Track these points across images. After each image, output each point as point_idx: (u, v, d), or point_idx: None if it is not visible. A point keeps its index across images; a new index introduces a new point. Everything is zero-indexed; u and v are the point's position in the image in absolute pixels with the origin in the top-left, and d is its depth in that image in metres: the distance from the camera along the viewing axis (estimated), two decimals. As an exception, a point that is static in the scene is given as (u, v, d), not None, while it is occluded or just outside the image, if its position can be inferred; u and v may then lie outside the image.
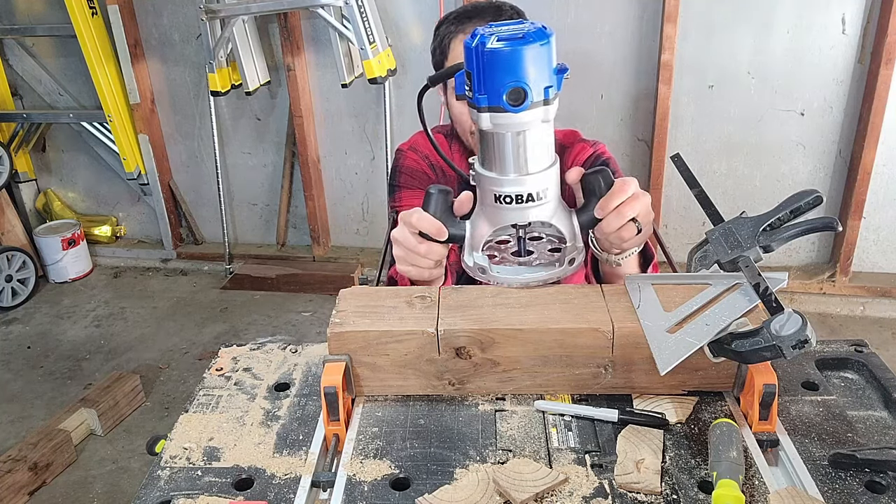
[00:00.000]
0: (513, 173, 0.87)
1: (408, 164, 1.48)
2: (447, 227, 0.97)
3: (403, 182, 1.49)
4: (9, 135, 3.94)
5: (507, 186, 0.88)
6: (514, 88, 0.79)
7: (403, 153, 1.51)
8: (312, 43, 3.47)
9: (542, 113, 0.83)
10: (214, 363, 1.16)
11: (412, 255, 1.03)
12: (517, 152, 0.86)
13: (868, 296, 3.27)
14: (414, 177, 1.48)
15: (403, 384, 1.01)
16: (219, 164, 3.77)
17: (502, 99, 0.80)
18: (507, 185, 0.88)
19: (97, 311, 3.66)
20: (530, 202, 0.89)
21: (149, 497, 0.87)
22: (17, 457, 2.36)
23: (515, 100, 0.80)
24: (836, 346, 1.13)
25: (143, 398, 2.84)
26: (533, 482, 0.83)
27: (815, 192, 0.95)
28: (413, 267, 1.05)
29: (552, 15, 3.13)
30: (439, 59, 1.34)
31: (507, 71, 0.79)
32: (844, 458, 0.86)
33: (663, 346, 0.89)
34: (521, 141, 0.85)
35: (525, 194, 0.88)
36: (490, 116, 0.83)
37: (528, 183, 0.87)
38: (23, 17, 3.79)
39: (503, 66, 0.79)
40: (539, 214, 0.91)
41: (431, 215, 0.98)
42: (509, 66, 0.79)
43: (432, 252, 1.01)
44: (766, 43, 3.00)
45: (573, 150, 1.45)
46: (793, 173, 3.22)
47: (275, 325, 3.44)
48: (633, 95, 3.22)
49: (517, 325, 0.96)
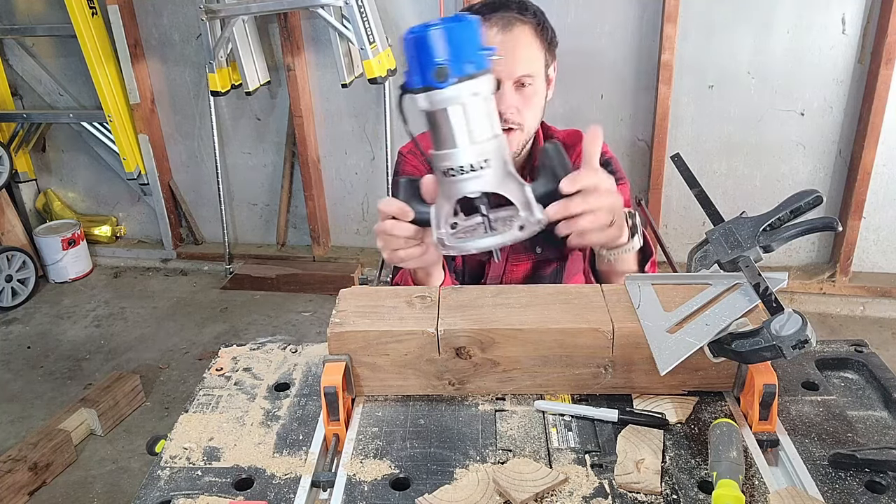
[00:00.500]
0: (452, 147, 0.93)
1: (408, 171, 1.49)
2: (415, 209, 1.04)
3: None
4: (9, 135, 3.94)
5: (448, 160, 0.94)
6: (438, 67, 0.88)
7: (404, 157, 1.50)
8: (312, 43, 3.47)
9: (468, 87, 0.90)
10: (214, 363, 1.16)
11: (385, 238, 1.08)
12: (453, 126, 0.92)
13: (868, 296, 3.27)
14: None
15: (403, 384, 1.01)
16: (219, 164, 3.77)
17: (430, 78, 0.89)
18: (448, 159, 0.94)
19: (97, 311, 3.66)
20: (472, 172, 0.94)
21: (149, 497, 0.87)
22: (17, 457, 2.36)
23: (441, 77, 0.88)
24: (836, 346, 1.13)
25: (143, 398, 2.84)
26: (533, 482, 0.83)
27: (815, 192, 0.95)
28: (390, 251, 1.09)
29: (552, 15, 3.10)
30: None
31: (429, 52, 0.88)
32: (844, 458, 0.86)
33: (663, 346, 0.89)
34: (455, 115, 0.92)
35: (466, 165, 0.93)
36: (425, 96, 0.91)
37: (466, 153, 0.93)
38: (23, 17, 3.79)
39: (426, 48, 0.88)
40: (482, 185, 0.95)
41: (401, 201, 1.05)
42: (431, 47, 0.88)
43: (396, 227, 1.05)
44: (766, 43, 3.00)
45: (575, 150, 1.45)
46: (793, 173, 3.22)
47: (275, 325, 3.44)
48: (633, 95, 3.22)
49: (517, 325, 0.96)
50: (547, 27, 1.32)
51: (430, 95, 0.90)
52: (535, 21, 1.30)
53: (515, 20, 1.27)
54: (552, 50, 1.35)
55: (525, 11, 1.29)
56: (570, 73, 3.19)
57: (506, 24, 1.27)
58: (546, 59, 1.33)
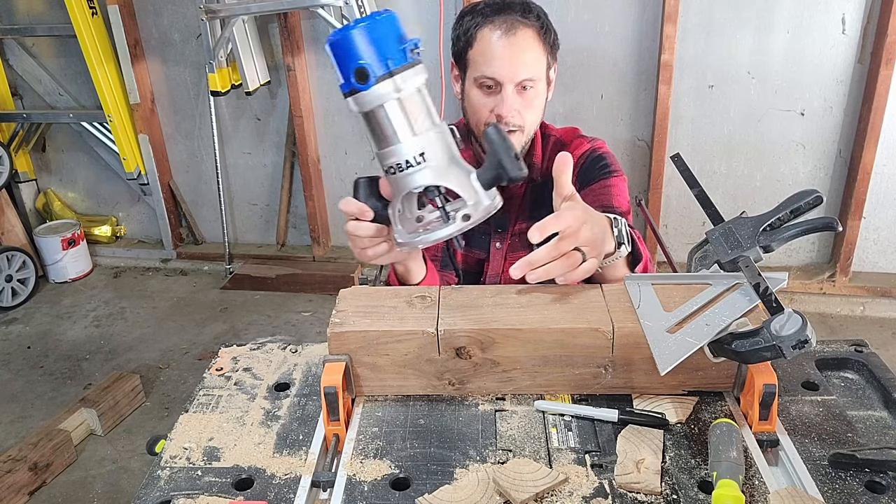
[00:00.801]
0: (388, 145, 0.93)
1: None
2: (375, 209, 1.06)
3: None
4: (9, 135, 3.94)
5: (388, 158, 0.94)
6: (357, 69, 0.88)
7: None
8: (312, 43, 3.47)
9: (392, 84, 0.90)
10: (214, 363, 1.16)
11: (351, 238, 1.10)
12: (383, 125, 0.92)
13: (868, 296, 3.27)
14: None
15: (403, 384, 1.01)
16: (219, 164, 3.77)
17: (353, 81, 0.89)
18: (388, 157, 0.94)
19: (97, 311, 3.66)
20: (410, 168, 0.93)
21: (149, 497, 0.87)
22: (17, 457, 2.36)
23: (361, 78, 0.88)
24: (836, 346, 1.13)
25: (143, 398, 2.84)
26: (533, 482, 0.83)
27: (815, 192, 0.95)
28: (358, 250, 1.11)
29: (552, 14, 3.11)
30: (463, 47, 1.34)
31: (347, 55, 0.88)
32: (844, 458, 0.86)
33: (663, 346, 0.89)
34: (385, 113, 0.92)
35: (402, 161, 0.93)
36: (352, 100, 0.91)
37: (402, 151, 0.93)
38: (23, 17, 3.79)
39: (343, 51, 0.88)
40: (423, 178, 0.94)
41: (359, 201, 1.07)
42: (348, 50, 0.88)
43: (359, 228, 1.07)
44: (766, 43, 3.00)
45: (571, 146, 1.45)
46: (793, 173, 3.22)
47: (275, 325, 3.44)
48: (633, 95, 3.22)
49: (517, 325, 0.96)
50: (550, 30, 1.32)
51: (356, 98, 0.90)
52: (539, 24, 1.30)
53: (519, 23, 1.27)
54: (554, 52, 1.35)
55: (528, 14, 1.29)
56: (570, 72, 3.20)
57: (509, 27, 1.27)
58: (548, 62, 1.33)
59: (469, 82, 1.34)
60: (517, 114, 1.29)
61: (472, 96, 1.34)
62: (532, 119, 1.33)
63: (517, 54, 1.27)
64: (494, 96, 1.30)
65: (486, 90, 1.31)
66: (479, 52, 1.30)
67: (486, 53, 1.29)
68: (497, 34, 1.27)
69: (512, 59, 1.27)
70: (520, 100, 1.29)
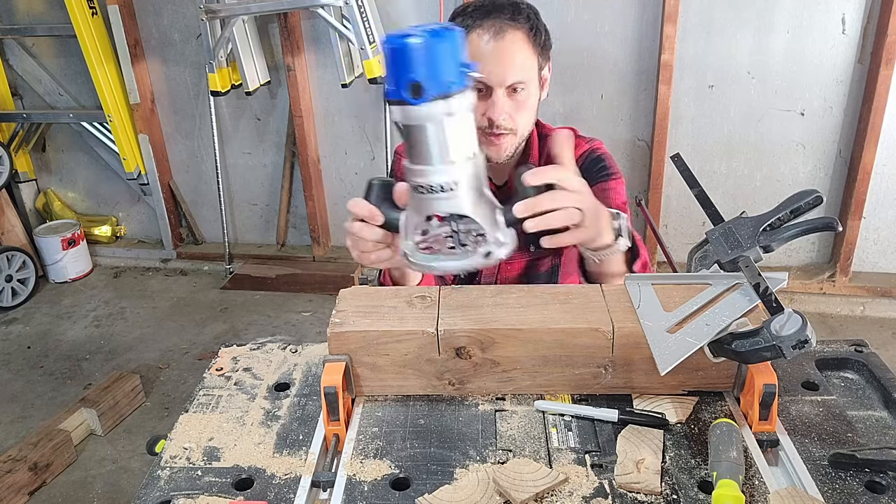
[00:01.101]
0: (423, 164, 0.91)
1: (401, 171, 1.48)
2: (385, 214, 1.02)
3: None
4: (9, 135, 3.94)
5: (419, 176, 0.91)
6: (413, 83, 0.84)
7: (399, 157, 1.51)
8: (312, 43, 3.47)
9: (444, 106, 0.86)
10: (214, 363, 1.16)
11: (353, 239, 1.07)
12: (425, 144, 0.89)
13: (868, 296, 3.27)
14: None
15: (403, 384, 1.01)
16: (219, 164, 3.77)
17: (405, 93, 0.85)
18: (419, 175, 0.91)
19: (97, 311, 3.66)
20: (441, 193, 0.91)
21: (149, 497, 0.87)
22: (17, 457, 2.36)
23: (415, 93, 0.84)
24: (836, 346, 1.13)
25: (143, 398, 2.84)
26: (533, 482, 0.83)
27: (815, 192, 0.95)
28: (358, 252, 1.08)
29: (552, 14, 3.13)
30: None
31: (406, 65, 0.84)
32: (844, 458, 0.86)
33: (663, 346, 0.89)
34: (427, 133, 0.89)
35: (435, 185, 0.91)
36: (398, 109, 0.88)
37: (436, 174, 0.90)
38: (23, 17, 3.79)
39: (402, 61, 0.84)
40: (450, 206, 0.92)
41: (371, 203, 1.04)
42: (408, 61, 0.84)
43: (364, 231, 1.04)
44: (766, 43, 3.00)
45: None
46: (793, 173, 3.22)
47: (275, 325, 3.44)
48: (633, 95, 3.22)
49: (517, 325, 0.96)
50: (540, 30, 1.31)
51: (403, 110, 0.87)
52: (528, 26, 1.29)
53: (507, 26, 1.26)
54: (545, 52, 1.34)
55: (518, 15, 1.28)
56: (570, 73, 3.20)
57: (497, 30, 1.26)
58: (539, 63, 1.32)
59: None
60: (508, 117, 1.29)
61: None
62: (524, 121, 1.33)
63: (506, 58, 1.26)
64: (485, 100, 1.29)
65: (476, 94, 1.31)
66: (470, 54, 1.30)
67: (474, 58, 1.28)
68: (485, 38, 1.26)
69: (501, 63, 1.26)
70: (511, 103, 1.29)
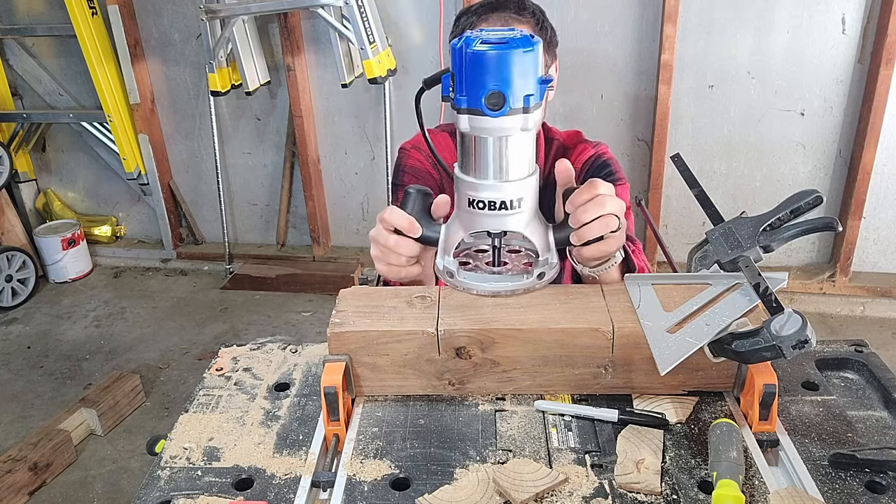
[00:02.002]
0: (488, 179, 0.86)
1: (411, 164, 1.47)
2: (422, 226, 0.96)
3: (407, 182, 1.48)
4: (9, 135, 3.94)
5: (482, 192, 0.87)
6: (494, 93, 0.79)
7: (407, 152, 1.50)
8: (312, 43, 3.47)
9: (521, 121, 0.82)
10: (214, 363, 1.16)
11: (385, 252, 1.02)
12: (494, 158, 0.85)
13: (868, 296, 3.27)
14: (418, 176, 1.47)
15: (403, 384, 1.01)
16: (219, 164, 3.77)
17: (481, 102, 0.80)
18: (482, 191, 0.87)
19: (97, 311, 3.66)
20: (503, 210, 0.87)
21: (149, 497, 0.87)
22: (17, 457, 2.36)
23: (494, 105, 0.79)
24: (836, 346, 1.13)
25: (143, 398, 2.84)
26: (533, 482, 0.83)
27: (815, 192, 0.95)
28: (387, 265, 1.04)
29: (552, 14, 3.11)
30: None
31: (487, 74, 0.78)
32: (844, 458, 0.86)
33: (663, 346, 0.89)
34: (499, 147, 0.84)
35: (499, 201, 0.87)
36: (469, 119, 0.82)
37: (503, 190, 0.86)
38: (23, 17, 3.79)
39: (483, 70, 0.78)
40: (512, 224, 0.89)
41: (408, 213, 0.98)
42: (490, 70, 0.78)
43: (401, 245, 1.00)
44: (766, 43, 3.00)
45: (575, 150, 1.44)
46: (793, 173, 3.22)
47: (275, 325, 3.44)
48: (633, 95, 3.22)
49: (517, 325, 0.96)
50: (546, 27, 1.31)
51: (475, 120, 0.81)
52: (534, 21, 1.29)
53: (513, 20, 1.26)
54: (552, 50, 1.34)
55: (523, 11, 1.28)
56: (570, 72, 3.19)
57: (503, 24, 1.26)
58: (546, 60, 1.32)
59: None
60: None
61: None
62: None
63: None
64: None
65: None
66: None
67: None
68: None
69: None
70: None
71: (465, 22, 1.31)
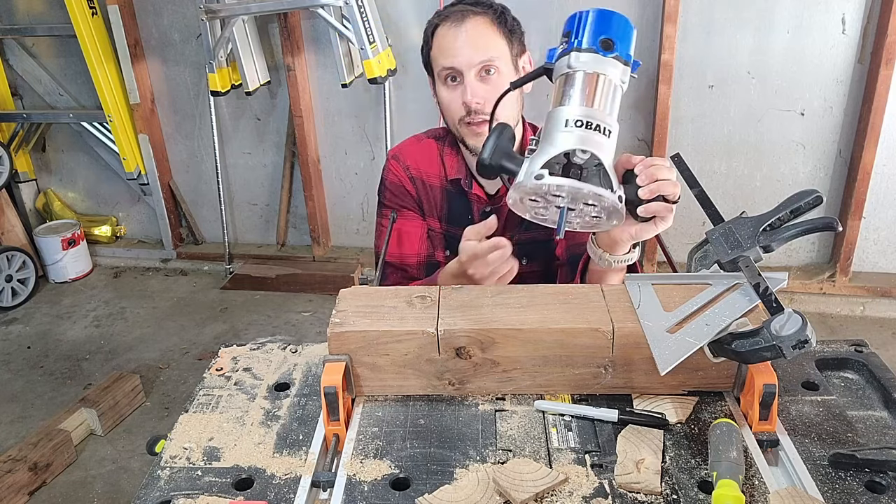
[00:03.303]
0: (588, 106, 0.96)
1: (390, 179, 1.49)
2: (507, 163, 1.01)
3: (387, 200, 1.50)
4: (9, 135, 3.94)
5: (581, 114, 0.96)
6: (607, 39, 0.95)
7: (388, 163, 1.50)
8: (312, 43, 3.47)
9: (621, 71, 0.96)
10: (214, 363, 1.16)
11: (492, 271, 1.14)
12: (595, 91, 0.96)
13: (868, 296, 3.26)
14: (395, 193, 1.49)
15: (403, 384, 1.01)
16: (219, 164, 3.77)
17: (597, 43, 0.95)
18: (581, 113, 0.96)
19: (97, 311, 3.66)
20: (597, 131, 0.96)
21: (149, 497, 0.87)
22: (17, 457, 2.36)
23: (606, 46, 0.95)
24: (836, 346, 1.13)
25: (143, 398, 2.84)
26: (533, 482, 0.83)
27: (815, 192, 0.95)
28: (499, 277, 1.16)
29: (552, 14, 3.14)
30: (426, 50, 1.36)
31: (605, 25, 0.97)
32: (844, 458, 0.86)
33: (663, 346, 0.89)
34: (601, 83, 0.97)
35: (595, 124, 0.96)
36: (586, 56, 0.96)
37: (597, 116, 0.96)
38: (23, 17, 3.79)
39: (603, 21, 0.97)
40: (602, 149, 0.96)
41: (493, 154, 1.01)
42: (607, 23, 0.97)
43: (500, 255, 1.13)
44: (766, 43, 3.00)
45: None
46: (793, 173, 3.22)
47: (275, 325, 3.44)
48: (633, 95, 3.22)
49: (517, 325, 0.96)
50: (506, 16, 1.32)
51: (592, 57, 0.95)
52: (492, 11, 1.30)
53: (469, 12, 1.28)
54: (517, 38, 1.33)
55: (479, 4, 1.30)
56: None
57: (458, 17, 1.28)
58: (511, 48, 1.32)
59: (437, 82, 1.35)
60: (483, 101, 1.28)
61: (442, 94, 1.34)
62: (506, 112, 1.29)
63: (471, 40, 1.27)
64: (459, 88, 1.30)
65: (450, 84, 1.31)
66: (436, 48, 1.32)
67: (441, 47, 1.30)
68: (447, 26, 1.29)
69: (465, 44, 1.27)
70: (484, 86, 1.29)
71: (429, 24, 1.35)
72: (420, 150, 1.49)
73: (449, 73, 1.30)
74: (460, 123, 1.33)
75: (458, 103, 1.30)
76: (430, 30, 1.33)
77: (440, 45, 1.30)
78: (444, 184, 1.45)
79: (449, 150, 1.46)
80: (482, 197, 1.43)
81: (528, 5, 3.17)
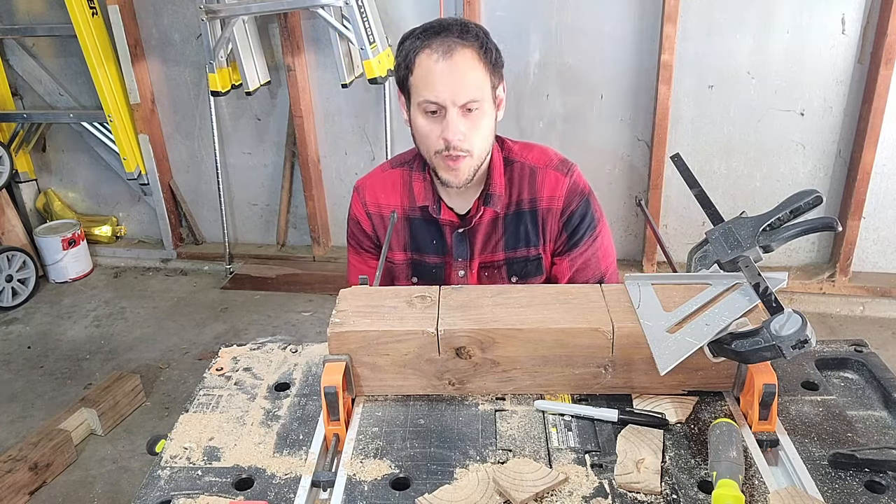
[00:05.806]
0: None
1: (352, 213, 1.51)
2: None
3: (350, 233, 1.53)
4: (9, 135, 3.94)
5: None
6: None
7: (353, 194, 1.52)
8: (312, 43, 3.47)
9: None
10: (214, 363, 1.16)
11: None
12: None
13: (868, 296, 3.26)
14: (354, 231, 1.52)
15: (403, 384, 1.01)
16: (219, 164, 3.77)
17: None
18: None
19: (97, 311, 3.66)
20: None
21: (149, 497, 0.87)
22: (17, 457, 2.36)
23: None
24: (836, 346, 1.13)
25: (144, 398, 2.84)
26: (533, 482, 0.83)
27: (814, 192, 0.95)
28: None
29: (552, 14, 3.14)
30: (404, 74, 1.31)
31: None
32: (844, 458, 0.86)
33: (663, 346, 0.89)
34: None
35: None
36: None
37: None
38: (23, 17, 3.79)
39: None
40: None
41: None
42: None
43: None
44: (766, 43, 3.00)
45: (546, 177, 1.39)
46: (793, 173, 3.22)
47: (275, 325, 3.44)
48: (633, 95, 3.22)
49: (517, 325, 0.96)
50: (490, 48, 1.28)
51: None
52: (478, 43, 1.26)
53: (457, 44, 1.24)
54: (498, 71, 1.31)
55: (466, 34, 1.26)
56: (570, 73, 3.19)
57: (447, 49, 1.23)
58: (492, 81, 1.29)
59: (414, 109, 1.31)
60: (464, 137, 1.26)
61: (419, 123, 1.31)
62: (480, 143, 1.29)
63: (458, 76, 1.23)
64: (440, 121, 1.27)
65: (430, 116, 1.28)
66: (419, 77, 1.27)
67: (426, 78, 1.25)
68: (435, 57, 1.24)
69: (453, 81, 1.23)
70: (466, 122, 1.26)
71: (410, 46, 1.28)
72: (382, 182, 1.48)
73: (430, 107, 1.27)
74: (436, 155, 1.30)
75: (436, 136, 1.28)
76: (412, 54, 1.28)
77: (425, 77, 1.26)
78: (405, 213, 1.44)
79: (417, 174, 1.44)
80: (454, 220, 1.40)
81: (528, 5, 3.18)
